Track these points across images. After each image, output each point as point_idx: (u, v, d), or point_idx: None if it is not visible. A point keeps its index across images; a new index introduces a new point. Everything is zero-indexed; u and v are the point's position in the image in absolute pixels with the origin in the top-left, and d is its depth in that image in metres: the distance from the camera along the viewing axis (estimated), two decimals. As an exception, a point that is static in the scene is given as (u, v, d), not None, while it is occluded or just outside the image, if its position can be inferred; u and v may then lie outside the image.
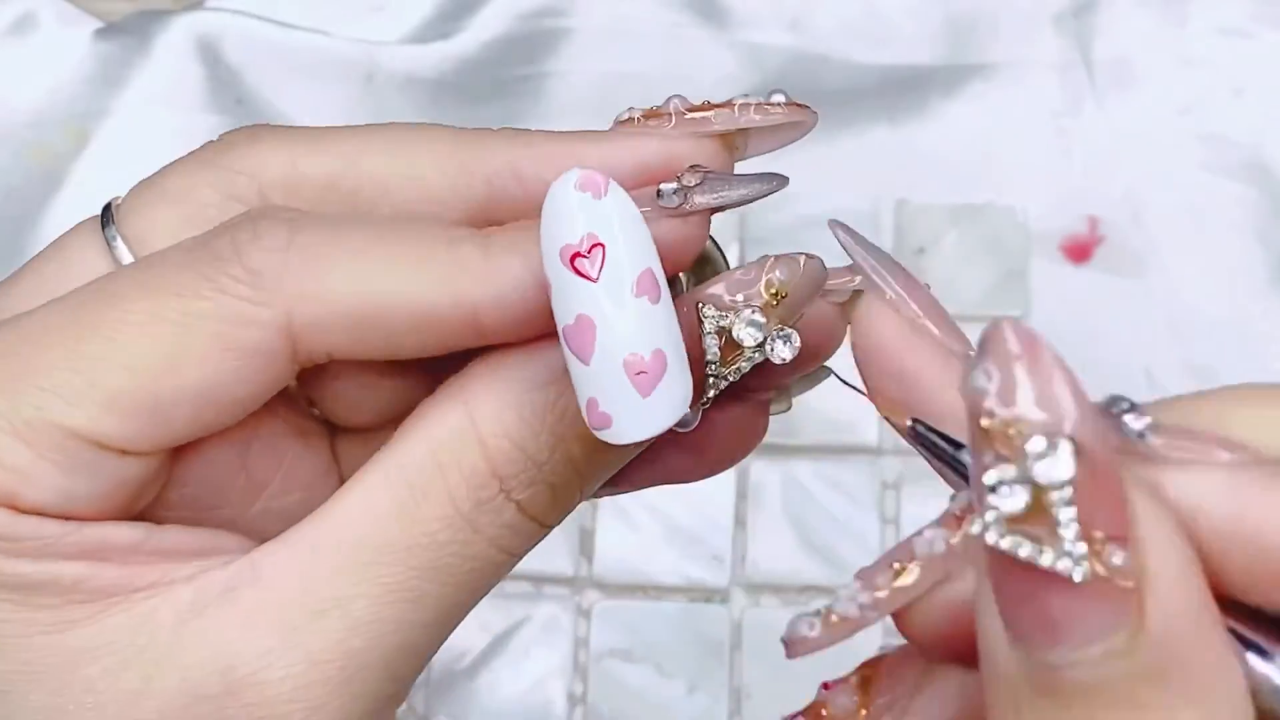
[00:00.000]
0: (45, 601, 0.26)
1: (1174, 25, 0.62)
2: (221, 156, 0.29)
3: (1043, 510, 0.19)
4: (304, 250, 0.26)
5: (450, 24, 0.62)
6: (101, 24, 0.62)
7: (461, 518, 0.27)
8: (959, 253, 0.57)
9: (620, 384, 0.25)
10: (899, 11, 0.62)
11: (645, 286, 0.25)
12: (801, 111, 0.29)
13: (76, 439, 0.26)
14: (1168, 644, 0.19)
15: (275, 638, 0.26)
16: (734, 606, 0.52)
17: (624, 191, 0.26)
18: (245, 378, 0.27)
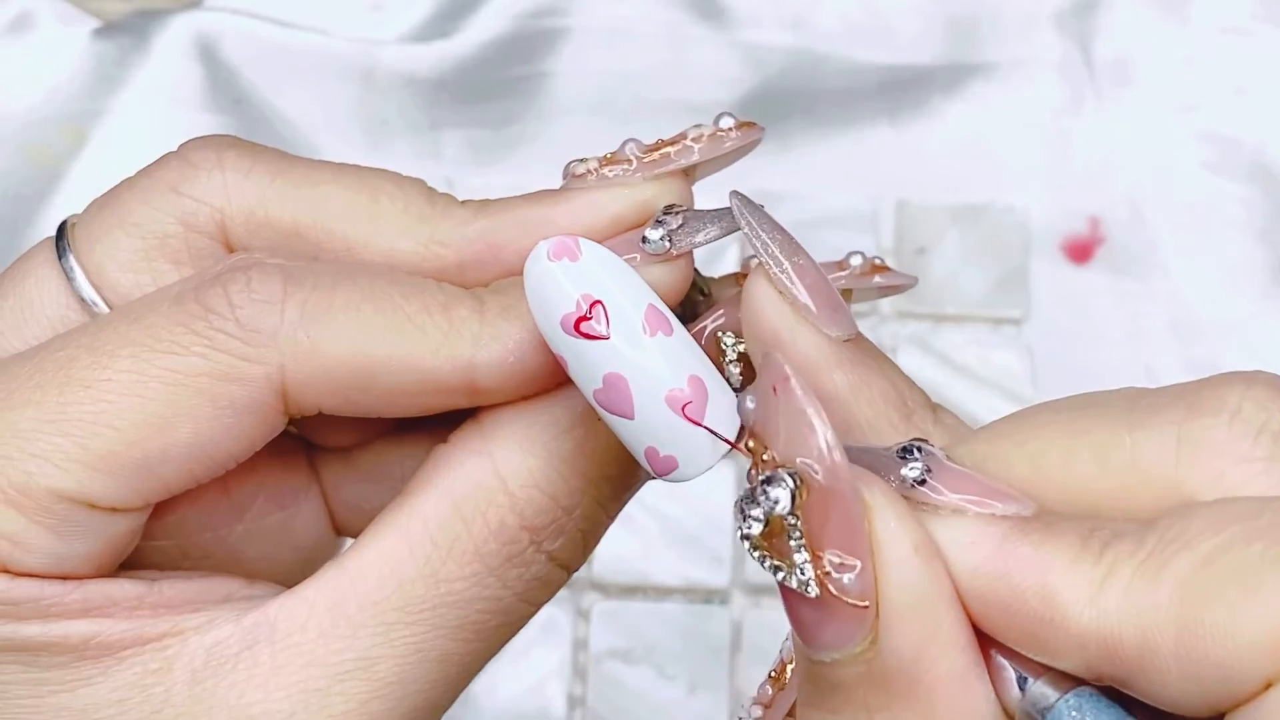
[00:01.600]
0: (55, 661, 0.26)
1: (1175, 24, 0.61)
2: (185, 184, 0.28)
3: (780, 531, 0.21)
4: (299, 306, 0.26)
5: (450, 23, 0.62)
6: (99, 23, 0.62)
7: (490, 573, 0.27)
8: (959, 253, 0.57)
9: (672, 423, 0.25)
10: (899, 11, 0.62)
11: (655, 323, 0.25)
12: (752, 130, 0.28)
13: (68, 502, 0.25)
14: (897, 659, 0.21)
15: (296, 701, 0.26)
16: (734, 608, 0.52)
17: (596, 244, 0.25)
18: (236, 433, 0.26)
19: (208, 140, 0.29)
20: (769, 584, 0.52)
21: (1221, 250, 0.58)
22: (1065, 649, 0.21)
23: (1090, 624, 0.20)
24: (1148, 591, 0.20)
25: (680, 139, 0.28)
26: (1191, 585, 0.20)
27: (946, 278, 0.57)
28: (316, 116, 0.60)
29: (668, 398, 0.25)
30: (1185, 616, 0.20)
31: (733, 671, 0.51)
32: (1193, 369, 0.56)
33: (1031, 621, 0.21)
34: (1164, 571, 0.20)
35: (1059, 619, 0.21)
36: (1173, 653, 0.20)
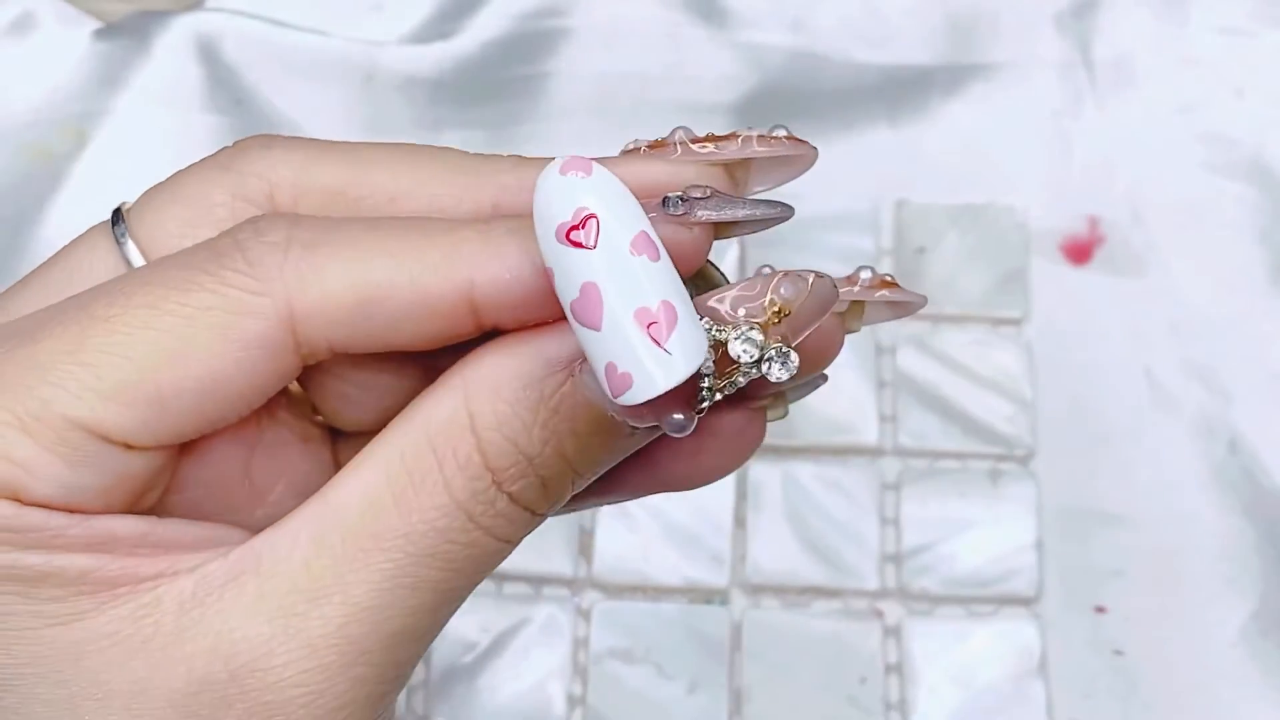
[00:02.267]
0: (52, 593, 0.26)
1: (1174, 25, 0.61)
2: (234, 160, 0.30)
3: None
4: (303, 243, 0.27)
5: (450, 24, 0.62)
6: (100, 24, 0.62)
7: (457, 506, 0.27)
8: (959, 253, 0.57)
9: (635, 338, 0.25)
10: (899, 11, 0.62)
11: (642, 246, 0.26)
12: (803, 146, 0.29)
13: (81, 431, 0.26)
14: None
15: (276, 625, 0.27)
16: (734, 607, 0.52)
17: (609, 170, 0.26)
18: (248, 369, 0.27)
19: (258, 135, 0.30)
20: (769, 584, 0.52)
21: (1221, 250, 0.58)
22: None
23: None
24: None
25: (732, 137, 0.29)
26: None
27: (946, 278, 0.57)
28: (317, 117, 0.60)
29: (636, 313, 0.25)
30: None
31: (733, 671, 0.51)
32: (1192, 369, 0.56)
33: None
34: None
35: None
36: None
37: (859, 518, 0.53)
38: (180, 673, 0.26)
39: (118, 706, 0.26)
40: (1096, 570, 0.53)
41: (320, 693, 0.27)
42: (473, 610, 0.52)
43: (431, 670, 0.52)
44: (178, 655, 0.26)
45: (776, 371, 0.27)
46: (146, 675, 0.26)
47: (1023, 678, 0.51)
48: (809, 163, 0.29)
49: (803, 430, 0.54)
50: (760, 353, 0.27)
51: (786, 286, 0.27)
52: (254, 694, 0.26)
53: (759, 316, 0.27)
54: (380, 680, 0.28)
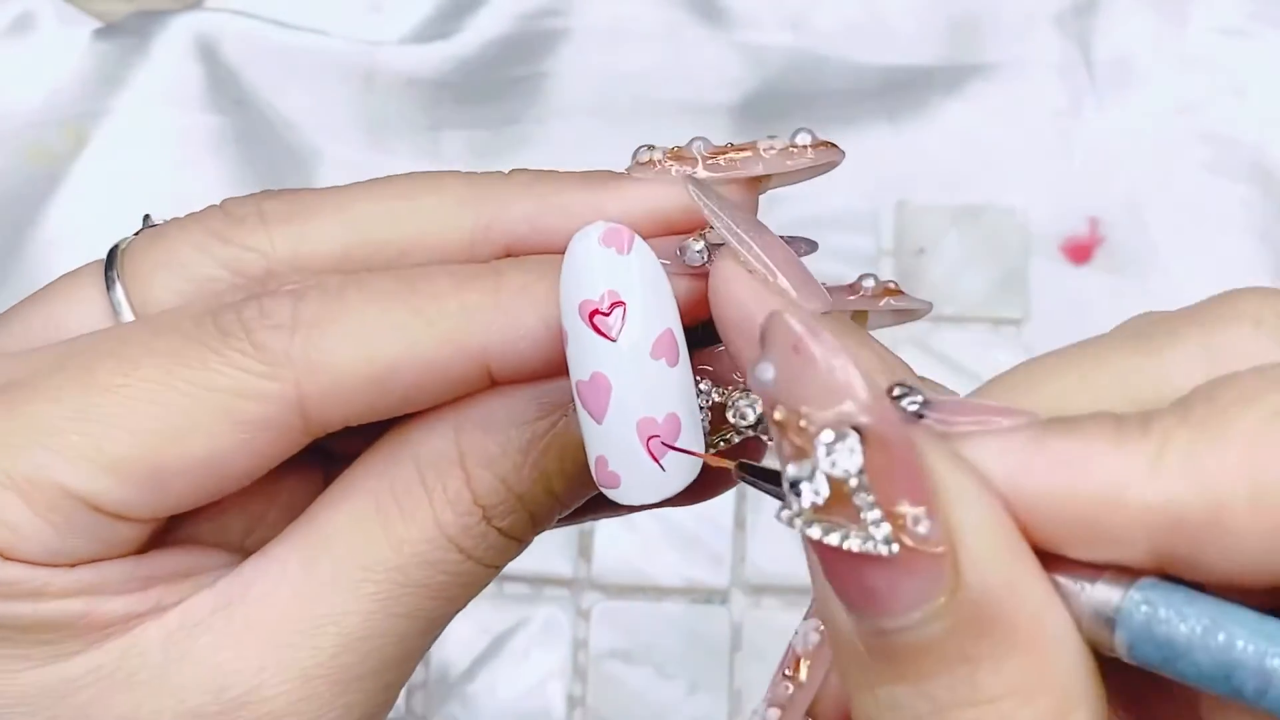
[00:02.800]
0: (41, 637, 0.26)
1: (1174, 25, 0.61)
2: (231, 232, 0.28)
3: (843, 497, 0.20)
4: (308, 322, 0.26)
5: (450, 24, 0.62)
6: (100, 24, 0.62)
7: (447, 539, 0.27)
8: (959, 253, 0.57)
9: (631, 447, 0.25)
10: (899, 11, 0.62)
11: (664, 349, 0.25)
12: (830, 151, 0.28)
13: (74, 500, 0.26)
14: (985, 596, 0.20)
15: (269, 656, 0.26)
16: (734, 608, 0.52)
17: (648, 248, 0.25)
18: (251, 450, 0.27)
19: (247, 197, 0.29)
20: (769, 584, 0.52)
21: (1221, 251, 0.58)
22: (1127, 534, 0.20)
23: (1155, 498, 0.19)
24: (1214, 452, 0.19)
25: (751, 147, 0.28)
26: (1263, 439, 0.19)
27: (946, 278, 0.57)
28: (317, 117, 0.60)
29: (640, 422, 0.25)
30: (1260, 471, 0.19)
31: (733, 671, 0.51)
32: (1192, 369, 0.56)
33: (1088, 513, 0.20)
34: (1229, 431, 0.19)
35: (1119, 500, 0.20)
36: (1249, 511, 0.19)
37: (859, 518, 0.53)
38: (169, 705, 0.26)
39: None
40: (1096, 570, 0.53)
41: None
42: (473, 611, 0.52)
43: (431, 670, 0.52)
44: (165, 689, 0.26)
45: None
46: (132, 709, 0.26)
47: (1023, 678, 0.51)
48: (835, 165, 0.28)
49: (803, 430, 0.54)
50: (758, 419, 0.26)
51: None
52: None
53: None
54: (369, 704, 0.28)
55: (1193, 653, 0.19)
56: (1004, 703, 0.20)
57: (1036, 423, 0.21)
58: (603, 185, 0.28)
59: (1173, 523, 0.19)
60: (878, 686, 0.21)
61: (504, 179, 0.28)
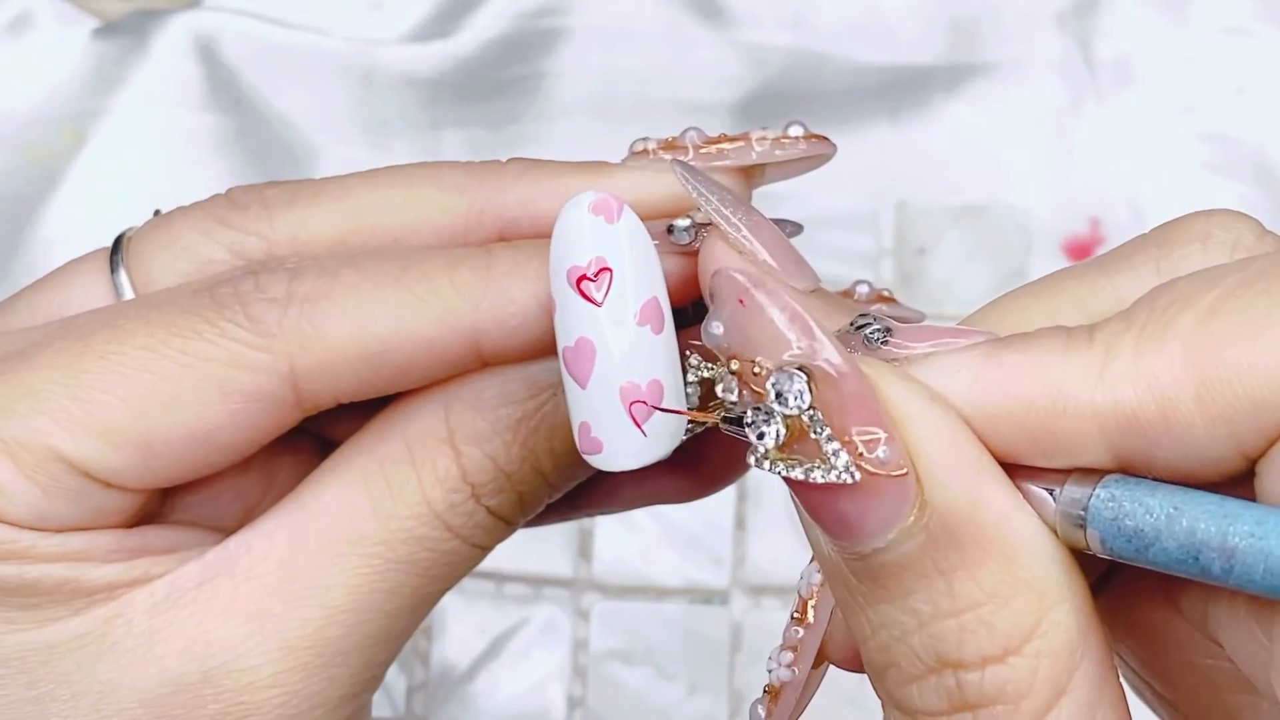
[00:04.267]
0: (26, 601, 0.26)
1: (1175, 24, 0.61)
2: (233, 216, 0.29)
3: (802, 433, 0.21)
4: (303, 297, 0.27)
5: (449, 23, 0.62)
6: (99, 23, 0.62)
7: (435, 516, 0.27)
8: (959, 253, 0.57)
9: (614, 411, 0.25)
10: (899, 11, 0.62)
11: (649, 315, 0.25)
12: (821, 144, 0.28)
13: (63, 464, 0.26)
14: (951, 510, 0.21)
15: (252, 626, 0.27)
16: (734, 608, 0.52)
17: (637, 218, 0.26)
18: (243, 423, 0.27)
19: (250, 186, 0.30)
20: (769, 585, 0.52)
21: (1222, 250, 0.58)
22: (1083, 439, 0.21)
23: (1104, 403, 0.20)
24: (1156, 353, 0.20)
25: (744, 138, 0.28)
26: (1201, 335, 0.20)
27: (946, 278, 0.57)
28: (316, 116, 0.60)
29: (623, 388, 0.25)
30: (1202, 365, 0.20)
31: (733, 672, 0.51)
32: (1193, 369, 0.56)
33: (1043, 422, 0.21)
34: (1168, 332, 0.20)
35: (1070, 408, 0.20)
36: (1195, 406, 0.20)
37: (859, 518, 0.53)
38: (152, 674, 0.26)
39: (85, 707, 0.26)
40: (1097, 571, 0.53)
41: (295, 693, 0.27)
42: (472, 611, 0.52)
43: (431, 670, 0.51)
44: (149, 656, 0.27)
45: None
46: (116, 676, 0.26)
47: (1023, 679, 0.51)
48: (828, 158, 0.29)
49: (803, 430, 0.54)
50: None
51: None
52: (229, 694, 0.27)
53: None
54: (354, 681, 0.28)
55: (1160, 540, 0.20)
56: (983, 609, 0.21)
57: (990, 340, 0.22)
58: (595, 172, 0.28)
59: (1125, 424, 0.20)
60: (867, 608, 0.22)
61: (499, 166, 0.29)
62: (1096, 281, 0.23)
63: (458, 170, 0.29)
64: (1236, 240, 0.21)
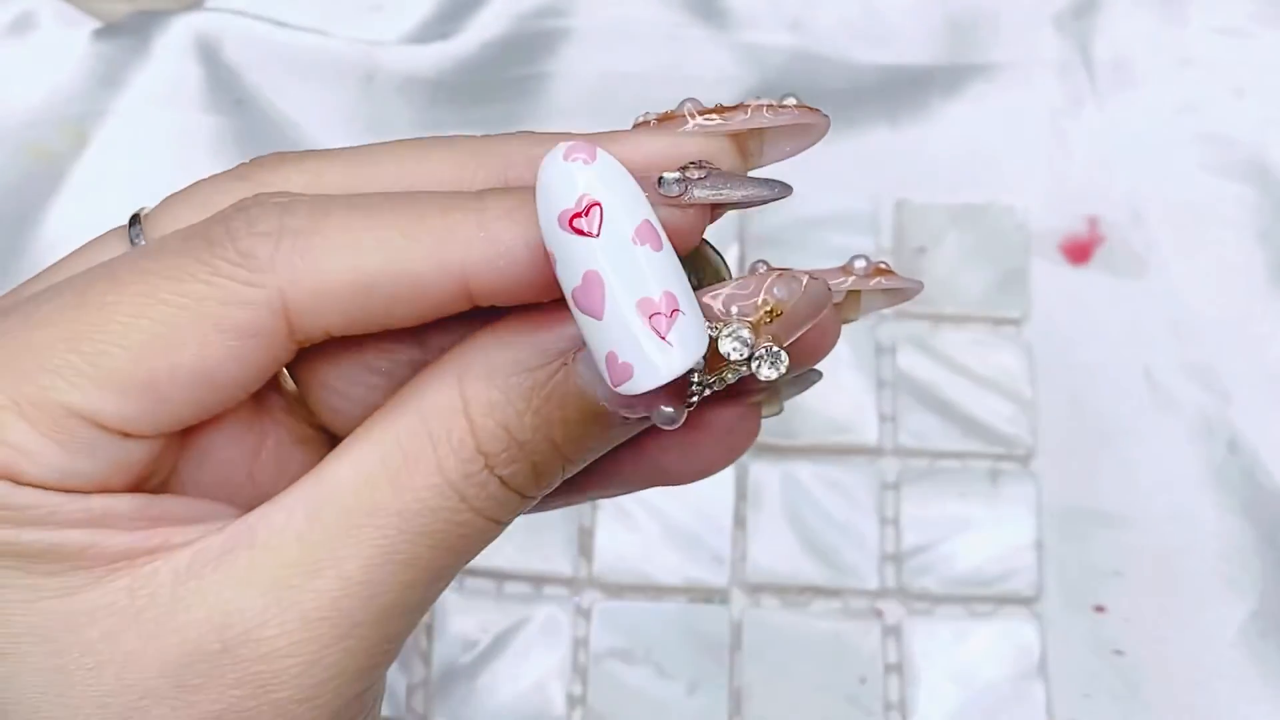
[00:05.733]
0: (50, 568, 0.27)
1: (1174, 25, 0.61)
2: (251, 171, 0.30)
3: None
4: (294, 232, 0.27)
5: (450, 24, 0.62)
6: (100, 24, 0.62)
7: (450, 487, 0.28)
8: (959, 253, 0.57)
9: (637, 328, 0.26)
10: (899, 11, 0.62)
11: (645, 235, 0.26)
12: (813, 114, 0.29)
13: (77, 418, 0.27)
14: None
15: (270, 596, 0.27)
16: (734, 607, 0.52)
17: (611, 155, 0.26)
18: (241, 357, 0.27)
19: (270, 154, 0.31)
20: (769, 584, 0.52)
21: (1220, 251, 0.58)
22: None
23: None
24: None
25: (741, 107, 0.29)
26: None
27: (946, 278, 0.57)
28: (317, 117, 0.60)
29: (638, 303, 0.26)
30: None
31: (733, 671, 0.51)
32: (1191, 369, 0.56)
33: None
34: None
35: None
36: None
37: (859, 518, 0.53)
38: (174, 643, 0.27)
39: (109, 675, 0.27)
40: (1096, 570, 0.53)
41: (312, 663, 0.27)
42: (473, 610, 0.52)
43: (431, 670, 0.52)
44: (171, 626, 0.27)
45: (765, 371, 0.27)
46: (140, 645, 0.27)
47: (1022, 678, 0.51)
48: (822, 131, 0.29)
49: (802, 430, 0.54)
50: (750, 351, 0.27)
51: (780, 287, 0.27)
52: (246, 664, 0.27)
53: (751, 315, 0.27)
54: (371, 653, 0.28)
55: None
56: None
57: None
58: (599, 136, 0.29)
59: None
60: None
61: (509, 137, 0.30)
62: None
63: (466, 139, 0.30)
64: None
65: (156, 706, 0.27)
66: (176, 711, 0.27)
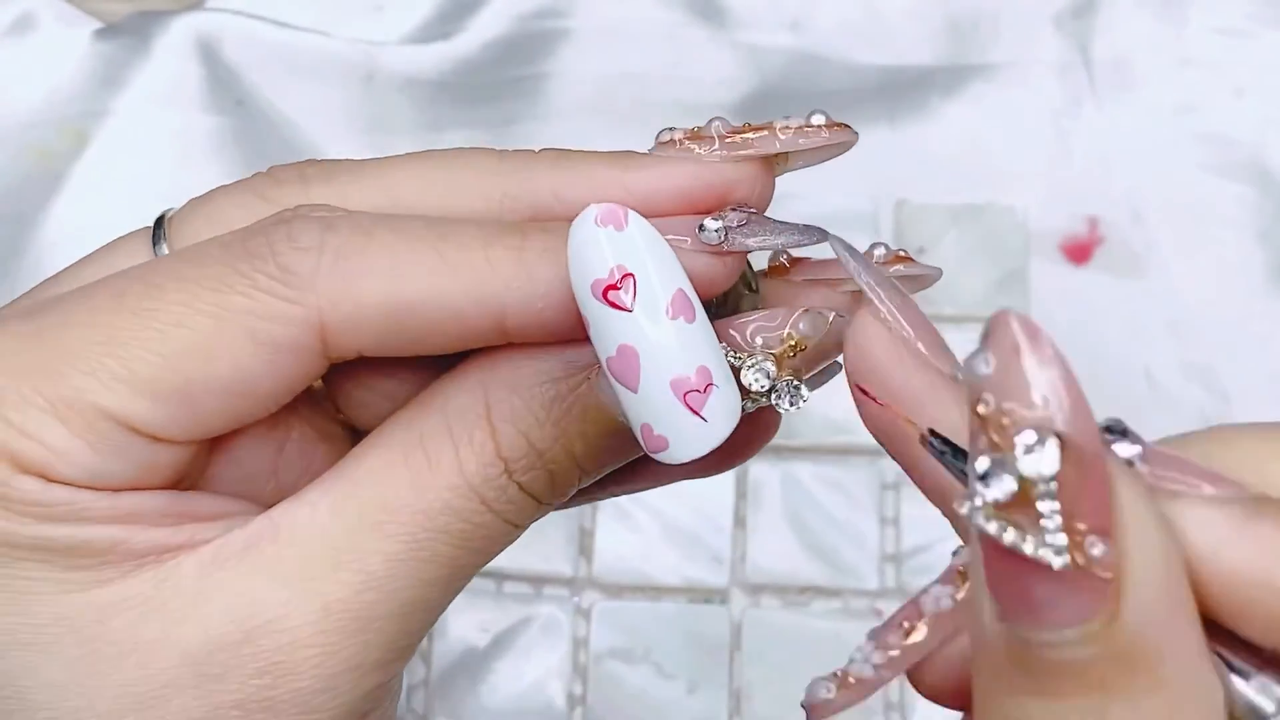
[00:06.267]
0: (80, 562, 0.27)
1: (1174, 25, 0.61)
2: (272, 192, 0.30)
3: (1028, 500, 0.20)
4: (336, 252, 0.27)
5: (450, 24, 0.62)
6: (101, 24, 0.62)
7: (470, 489, 0.28)
8: (959, 253, 0.57)
9: (671, 406, 0.26)
10: (899, 12, 0.62)
11: (680, 307, 0.26)
12: (844, 132, 0.29)
13: (110, 421, 0.27)
14: (1140, 632, 0.20)
15: (293, 588, 0.27)
16: (734, 607, 0.52)
17: (643, 218, 0.26)
18: (275, 371, 0.28)
19: (290, 164, 0.31)
20: (769, 584, 0.52)
21: (1220, 251, 0.58)
22: None
23: None
24: None
25: (768, 127, 0.29)
26: None
27: (946, 278, 0.57)
28: (318, 117, 0.60)
29: (673, 381, 0.26)
30: None
31: (733, 671, 0.51)
32: (1191, 369, 0.56)
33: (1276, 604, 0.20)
34: None
35: None
36: None
37: (859, 517, 0.53)
38: (196, 632, 0.27)
39: (131, 664, 0.27)
40: (1096, 570, 0.53)
41: (330, 655, 0.28)
42: (473, 610, 0.52)
43: (431, 670, 0.52)
44: (193, 616, 0.27)
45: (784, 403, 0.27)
46: (162, 635, 0.27)
47: (1022, 677, 0.51)
48: (850, 145, 0.29)
49: (802, 430, 0.54)
50: (771, 384, 0.27)
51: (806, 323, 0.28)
52: (266, 654, 0.27)
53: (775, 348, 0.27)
54: (389, 647, 0.28)
55: None
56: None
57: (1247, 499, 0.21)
58: (626, 161, 0.29)
59: None
60: (1009, 695, 0.21)
61: (532, 155, 0.30)
62: None
63: (493, 158, 0.30)
64: None
65: (178, 695, 0.27)
66: (198, 700, 0.27)
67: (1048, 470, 0.20)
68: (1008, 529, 0.20)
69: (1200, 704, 0.20)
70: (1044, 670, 0.20)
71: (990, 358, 0.20)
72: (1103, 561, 0.20)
